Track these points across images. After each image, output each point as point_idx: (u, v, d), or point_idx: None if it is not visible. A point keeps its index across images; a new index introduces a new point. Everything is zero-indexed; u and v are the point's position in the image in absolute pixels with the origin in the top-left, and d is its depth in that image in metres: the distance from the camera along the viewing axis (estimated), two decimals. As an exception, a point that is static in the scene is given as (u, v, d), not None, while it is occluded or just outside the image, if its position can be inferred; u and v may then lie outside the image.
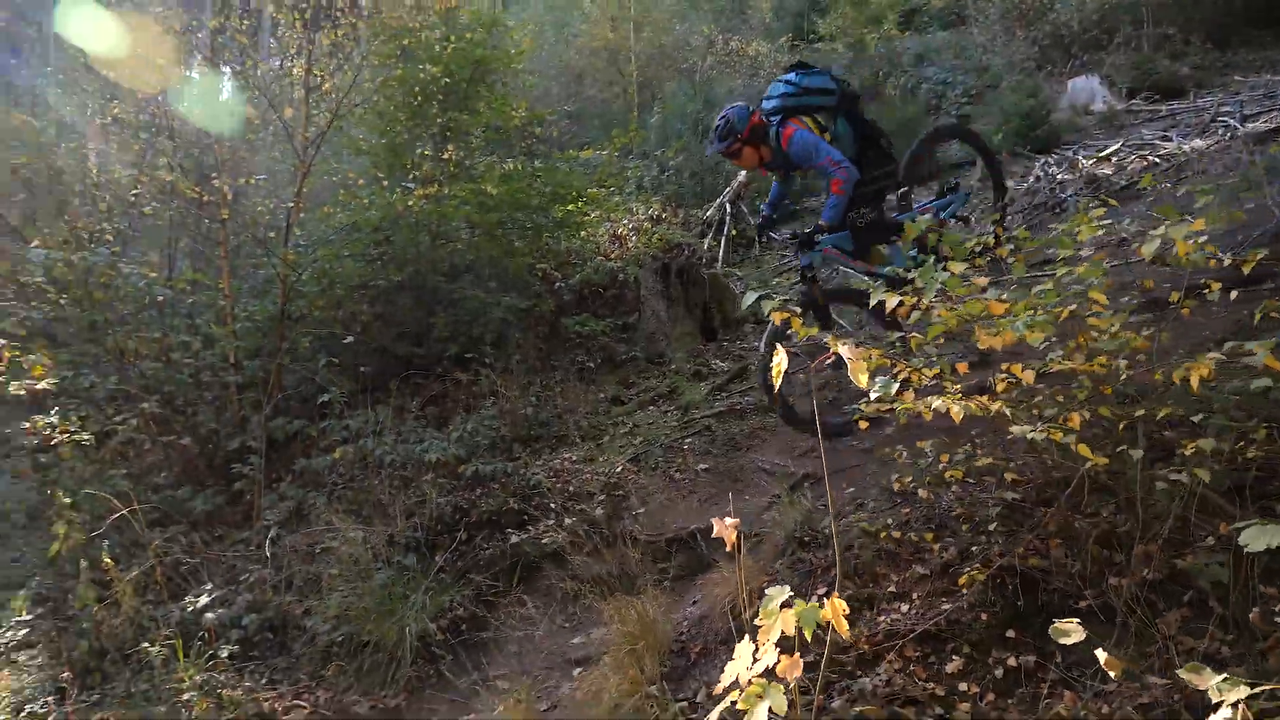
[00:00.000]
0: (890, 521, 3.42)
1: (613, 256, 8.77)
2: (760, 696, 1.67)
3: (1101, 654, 1.74)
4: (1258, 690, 1.40)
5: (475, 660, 4.01)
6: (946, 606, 2.79)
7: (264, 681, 4.39)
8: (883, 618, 2.90)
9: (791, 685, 1.77)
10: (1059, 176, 8.60)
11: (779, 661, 1.75)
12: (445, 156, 7.65)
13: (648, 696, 2.85)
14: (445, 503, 5.08)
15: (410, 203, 7.14)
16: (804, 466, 4.44)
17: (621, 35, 18.10)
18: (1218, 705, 1.40)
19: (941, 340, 2.95)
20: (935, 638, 2.77)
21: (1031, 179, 8.87)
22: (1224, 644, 2.39)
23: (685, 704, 2.84)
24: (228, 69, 8.73)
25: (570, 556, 3.99)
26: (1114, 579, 2.60)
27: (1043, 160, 9.35)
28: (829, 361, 4.23)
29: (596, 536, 4.12)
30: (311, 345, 7.54)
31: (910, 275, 3.13)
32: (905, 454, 3.50)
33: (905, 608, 2.91)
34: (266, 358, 7.39)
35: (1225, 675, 1.42)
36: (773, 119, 4.58)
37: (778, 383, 2.33)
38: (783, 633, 1.77)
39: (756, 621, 1.80)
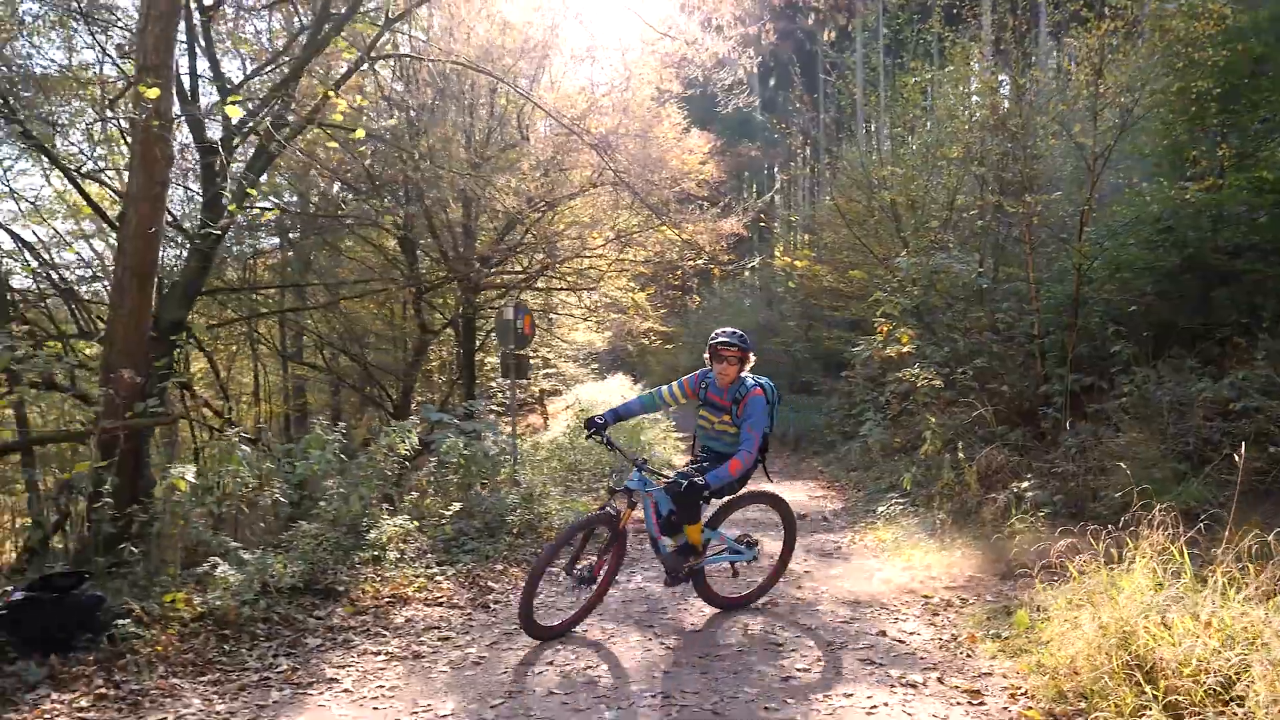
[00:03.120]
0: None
1: None
2: None
3: None
4: None
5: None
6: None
7: (1058, 532, 6.49)
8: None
9: None
10: None
11: None
12: (1220, 151, 8.66)
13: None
14: (1213, 427, 6.53)
15: (1188, 195, 8.40)
16: None
17: None
18: None
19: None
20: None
21: None
22: None
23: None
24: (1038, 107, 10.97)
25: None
26: None
27: None
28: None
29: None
30: (1100, 318, 9.38)
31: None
32: None
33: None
34: (1062, 330, 9.46)
35: None
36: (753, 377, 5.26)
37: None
38: None
39: None
